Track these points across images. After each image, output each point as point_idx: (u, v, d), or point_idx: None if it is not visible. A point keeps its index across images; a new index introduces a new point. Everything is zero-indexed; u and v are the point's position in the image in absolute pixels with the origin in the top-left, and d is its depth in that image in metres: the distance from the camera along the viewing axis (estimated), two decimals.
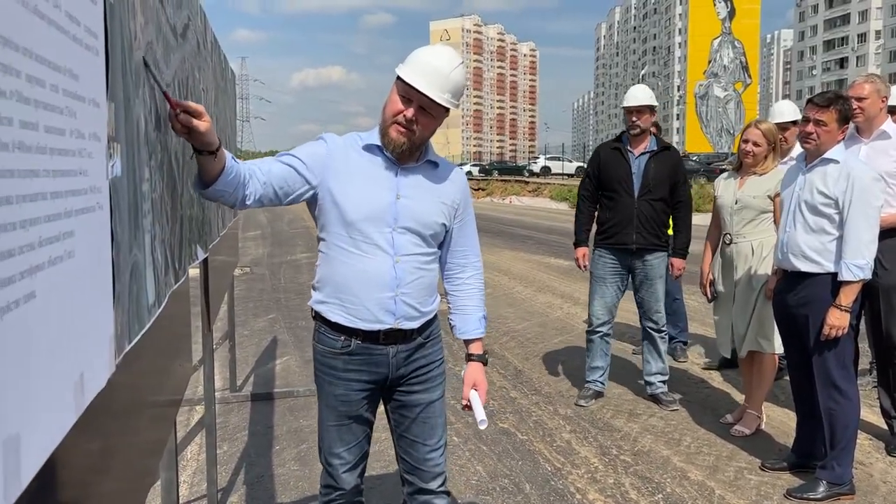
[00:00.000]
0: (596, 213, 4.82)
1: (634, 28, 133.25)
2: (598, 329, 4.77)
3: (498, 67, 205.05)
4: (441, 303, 2.34)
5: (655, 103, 4.67)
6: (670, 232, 4.70)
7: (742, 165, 4.17)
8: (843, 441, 3.26)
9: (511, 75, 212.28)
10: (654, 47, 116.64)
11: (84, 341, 0.94)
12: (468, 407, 2.30)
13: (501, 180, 45.80)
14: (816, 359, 3.30)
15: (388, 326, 2.14)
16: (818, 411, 3.37)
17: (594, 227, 4.81)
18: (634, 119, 4.57)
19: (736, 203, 4.11)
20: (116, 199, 1.16)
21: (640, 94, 4.59)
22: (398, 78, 2.09)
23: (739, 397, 4.66)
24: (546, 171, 48.18)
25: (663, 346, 4.72)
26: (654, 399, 4.72)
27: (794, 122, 4.80)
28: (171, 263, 1.84)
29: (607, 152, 4.73)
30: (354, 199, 2.10)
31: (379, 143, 2.15)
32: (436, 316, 2.31)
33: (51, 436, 0.81)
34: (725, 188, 4.23)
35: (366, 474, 2.36)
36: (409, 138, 2.09)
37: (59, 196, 0.82)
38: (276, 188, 2.06)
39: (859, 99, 3.73)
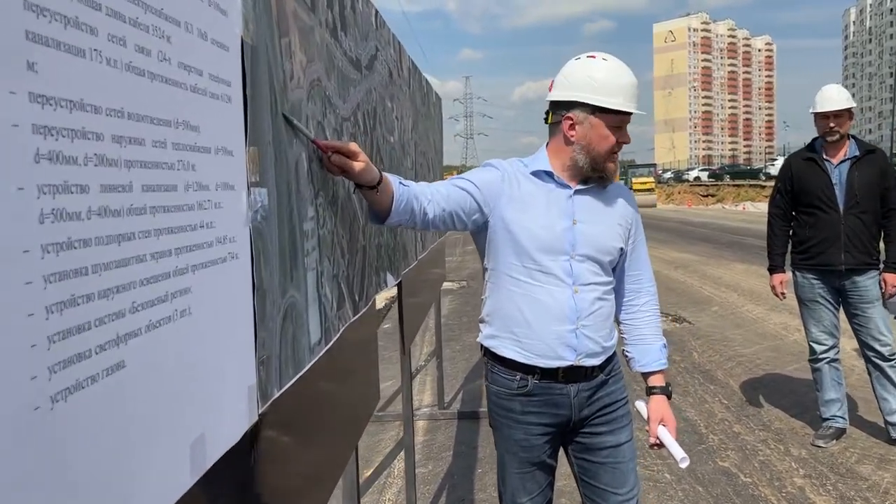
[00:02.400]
0: (790, 232, 4.26)
1: (892, 10, 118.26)
2: (823, 356, 4.17)
3: (729, 65, 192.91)
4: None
5: (854, 105, 4.04)
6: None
7: None
8: None
9: (744, 72, 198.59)
10: None
11: (207, 399, 0.91)
12: (657, 446, 2.10)
13: (733, 185, 42.87)
14: None
15: (568, 363, 1.99)
16: None
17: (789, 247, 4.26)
18: (833, 125, 3.97)
19: None
20: (262, 244, 1.14)
21: (836, 97, 3.99)
22: (600, 109, 1.95)
23: None
24: None
25: None
26: None
27: None
28: (350, 296, 1.84)
29: (800, 164, 4.17)
30: (529, 226, 1.99)
31: (549, 169, 2.04)
32: (615, 350, 2.13)
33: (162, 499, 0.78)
34: None
35: None
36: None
37: (165, 256, 0.79)
38: (454, 213, 1.99)
39: None
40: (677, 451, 2.02)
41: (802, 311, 4.25)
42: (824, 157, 4.07)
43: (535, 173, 2.04)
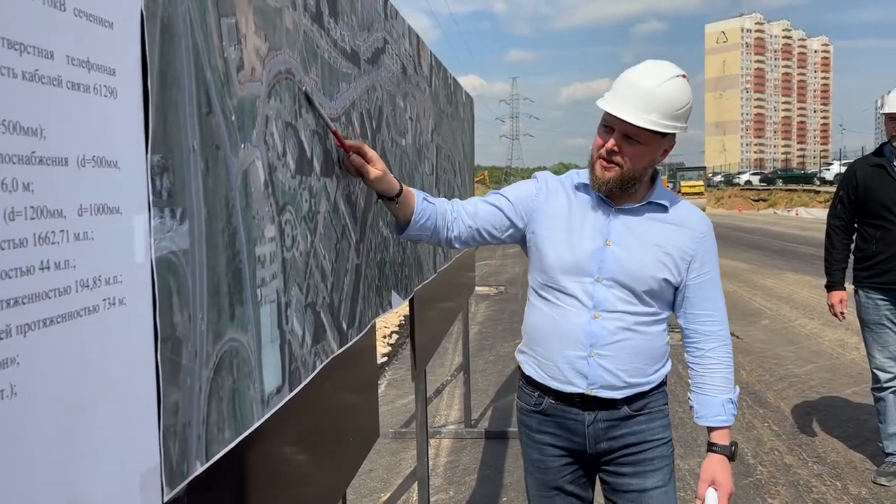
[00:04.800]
0: (853, 246, 3.86)
1: None
2: (889, 385, 3.77)
3: (784, 66, 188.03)
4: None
5: None
6: None
7: None
8: None
9: (799, 74, 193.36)
10: None
11: None
12: None
13: (786, 189, 41.60)
14: None
15: (579, 391, 1.85)
16: None
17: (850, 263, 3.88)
18: None
19: None
20: (177, 281, 0.89)
21: None
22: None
23: None
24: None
25: None
26: None
27: None
28: (334, 325, 1.58)
29: (866, 170, 3.77)
30: (555, 243, 1.88)
31: (587, 182, 1.89)
32: (661, 387, 1.93)
33: None
34: None
35: None
36: (617, 173, 1.79)
37: None
38: (482, 229, 1.94)
39: None
40: None
41: (865, 334, 3.85)
42: (894, 164, 3.68)
43: (578, 186, 1.93)
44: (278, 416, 1.24)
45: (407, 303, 2.49)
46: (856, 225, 3.87)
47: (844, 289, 3.93)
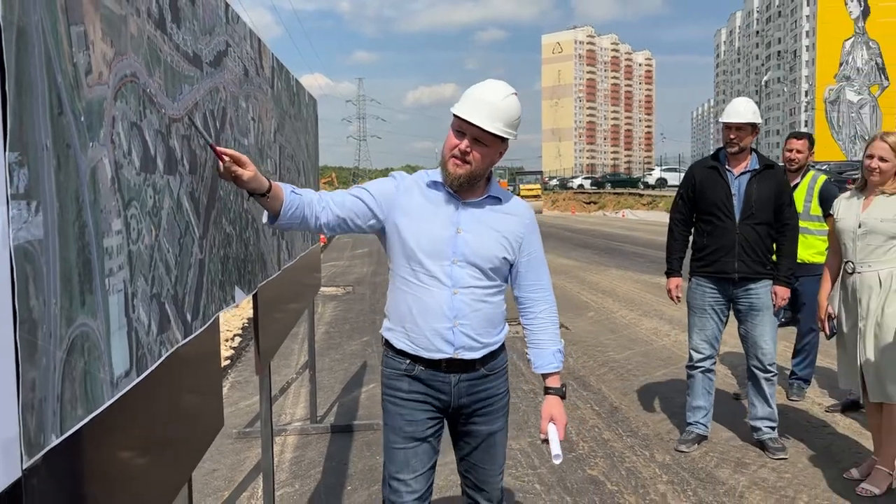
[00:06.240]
0: (691, 239, 4.38)
1: (757, 32, 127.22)
2: (700, 364, 4.30)
3: (612, 78, 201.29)
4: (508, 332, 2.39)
5: (759, 121, 4.17)
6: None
7: (867, 184, 3.63)
8: None
9: (626, 85, 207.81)
10: (779, 52, 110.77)
11: None
12: (545, 441, 2.32)
13: (614, 193, 44.67)
14: None
15: (447, 356, 2.22)
16: None
17: (688, 254, 4.38)
18: (733, 137, 4.10)
19: (860, 227, 3.58)
20: (34, 268, 0.97)
21: (742, 110, 4.11)
22: (453, 115, 2.18)
23: (869, 445, 4.06)
24: (662, 183, 46.43)
25: (770, 389, 4.19)
26: (761, 445, 4.22)
27: None
28: (178, 316, 1.66)
29: (703, 172, 4.28)
30: (416, 233, 2.20)
31: (442, 180, 2.23)
32: (502, 348, 2.37)
33: None
34: (847, 210, 3.69)
35: None
36: (467, 170, 2.16)
37: None
38: (347, 218, 2.20)
39: None
40: (554, 448, 2.24)
41: (690, 317, 4.34)
42: (727, 167, 4.18)
43: (431, 183, 2.26)
44: (128, 398, 1.32)
45: (251, 306, 2.58)
46: (694, 220, 4.35)
47: (681, 276, 4.42)
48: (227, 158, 1.84)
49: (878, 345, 3.52)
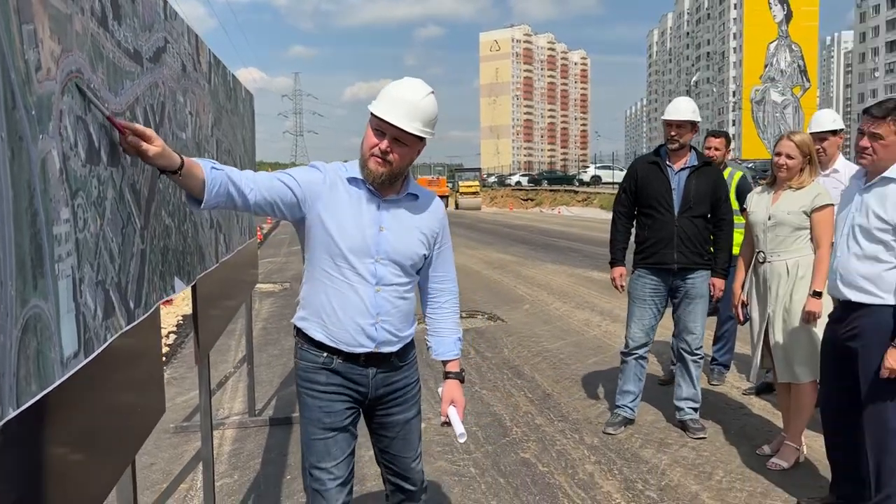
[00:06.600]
0: (633, 231, 4.60)
1: (687, 34, 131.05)
2: (634, 352, 4.53)
3: (549, 76, 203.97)
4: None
5: (699, 119, 4.41)
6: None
7: (776, 179, 3.91)
8: (891, 488, 2.96)
9: (562, 84, 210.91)
10: (708, 53, 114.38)
11: None
12: (446, 423, 2.37)
13: (550, 190, 45.37)
14: (868, 399, 2.96)
15: (368, 350, 2.26)
16: (853, 444, 3.09)
17: (631, 247, 4.60)
18: (674, 134, 4.33)
19: (769, 219, 3.84)
20: None
21: (683, 108, 4.33)
22: (371, 114, 2.16)
23: (780, 424, 4.36)
24: (597, 180, 47.49)
25: (696, 371, 4.46)
26: (682, 426, 4.48)
27: (834, 132, 4.49)
28: (122, 303, 1.73)
29: (645, 167, 4.49)
30: (342, 230, 2.20)
31: (361, 177, 2.22)
32: (412, 340, 2.42)
33: None
34: (758, 203, 3.96)
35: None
36: (388, 168, 2.17)
37: None
38: (274, 202, 2.15)
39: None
40: (458, 428, 2.31)
41: (630, 307, 4.55)
42: (667, 163, 4.39)
43: (351, 180, 2.24)
44: (77, 378, 1.39)
45: (186, 303, 2.63)
46: (636, 213, 4.55)
47: (624, 265, 4.61)
48: (128, 132, 1.68)
49: (786, 329, 3.80)
